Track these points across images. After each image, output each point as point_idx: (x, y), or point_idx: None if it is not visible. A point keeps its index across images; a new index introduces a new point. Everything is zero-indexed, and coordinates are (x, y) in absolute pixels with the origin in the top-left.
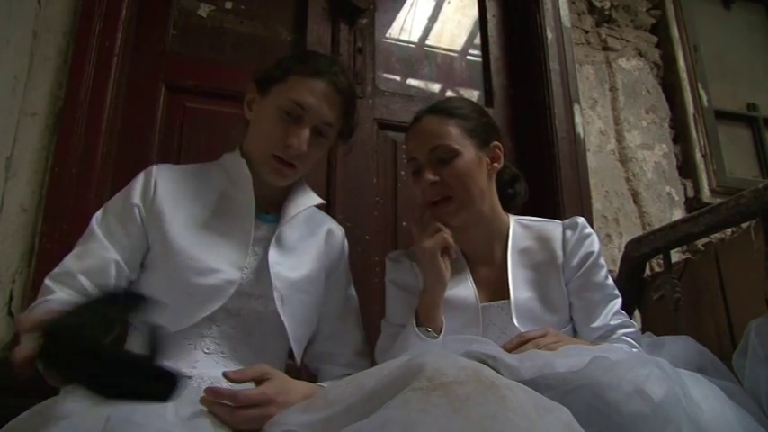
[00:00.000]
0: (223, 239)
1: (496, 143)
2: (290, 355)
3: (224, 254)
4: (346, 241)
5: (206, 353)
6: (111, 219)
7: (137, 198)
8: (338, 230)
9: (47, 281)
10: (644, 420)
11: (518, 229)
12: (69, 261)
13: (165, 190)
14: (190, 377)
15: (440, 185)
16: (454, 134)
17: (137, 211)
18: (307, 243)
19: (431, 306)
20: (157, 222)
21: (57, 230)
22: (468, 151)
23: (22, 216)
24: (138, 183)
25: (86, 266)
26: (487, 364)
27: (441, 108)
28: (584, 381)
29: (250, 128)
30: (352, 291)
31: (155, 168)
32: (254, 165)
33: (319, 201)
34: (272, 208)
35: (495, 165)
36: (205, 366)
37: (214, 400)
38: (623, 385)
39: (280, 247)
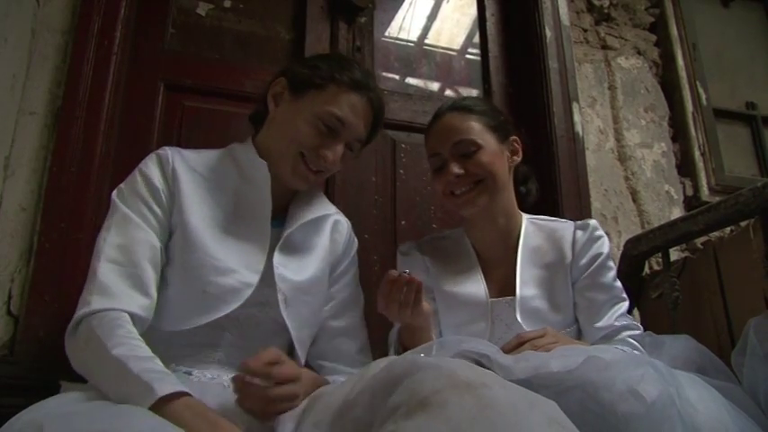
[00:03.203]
0: (241, 241)
1: (515, 137)
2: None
3: (241, 256)
4: (353, 234)
5: (206, 362)
6: (139, 202)
7: (158, 181)
8: (344, 222)
9: (105, 274)
10: (638, 420)
11: (530, 227)
12: (114, 251)
13: (184, 179)
14: (189, 373)
15: (465, 177)
16: (476, 129)
17: (162, 195)
18: (312, 242)
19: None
20: (179, 211)
21: (55, 229)
22: (489, 145)
23: (21, 215)
24: (156, 166)
25: (141, 259)
26: (482, 364)
27: (461, 105)
28: (578, 381)
29: (273, 124)
30: (359, 288)
31: (169, 152)
32: (274, 162)
33: (335, 211)
34: (278, 210)
35: (515, 158)
36: (206, 368)
37: (245, 381)
38: (617, 385)
39: (285, 251)
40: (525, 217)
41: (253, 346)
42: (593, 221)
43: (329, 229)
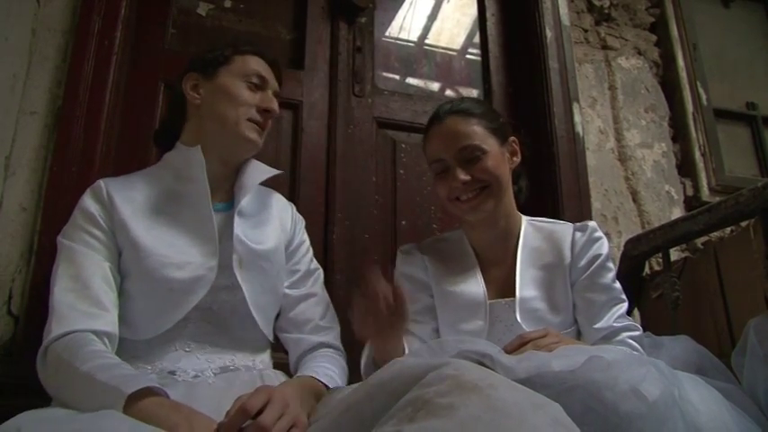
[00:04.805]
0: (188, 234)
1: (513, 138)
2: (279, 348)
3: (193, 246)
4: (297, 213)
5: (187, 351)
6: (81, 233)
7: (94, 209)
8: (286, 201)
9: (61, 302)
10: (640, 420)
11: (529, 229)
12: (66, 281)
13: (120, 198)
14: (173, 372)
15: (471, 183)
16: (480, 133)
17: (100, 220)
18: (264, 216)
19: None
20: (122, 229)
21: (56, 229)
22: (493, 149)
23: (22, 215)
24: (90, 197)
25: (92, 280)
26: (483, 364)
27: (462, 109)
28: (580, 380)
29: (204, 108)
30: (317, 263)
31: (102, 182)
32: (214, 141)
33: (276, 171)
34: (220, 195)
35: (515, 159)
36: (187, 364)
37: None
38: (620, 385)
39: (243, 219)
40: (524, 218)
41: (233, 332)
42: (592, 223)
43: (275, 206)
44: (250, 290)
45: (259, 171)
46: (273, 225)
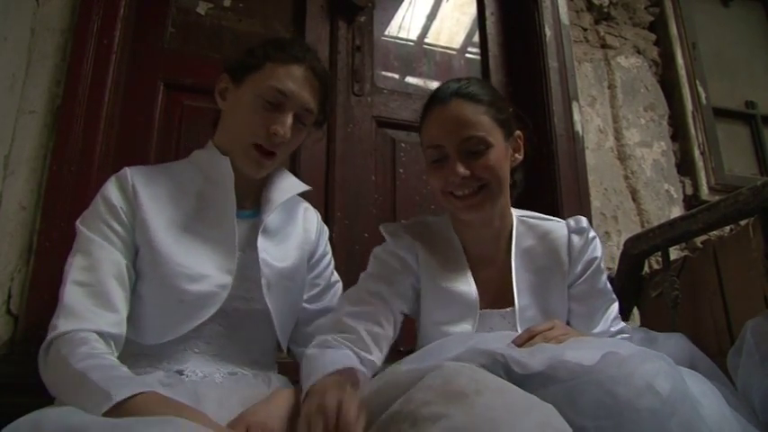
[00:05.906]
0: (209, 244)
1: (519, 133)
2: (280, 347)
3: (212, 259)
4: (323, 223)
5: (196, 353)
6: (101, 224)
7: (118, 200)
8: (313, 212)
9: (71, 296)
10: (654, 415)
11: (521, 227)
12: (80, 274)
13: (144, 194)
14: (181, 371)
15: (470, 179)
16: (486, 124)
17: (122, 213)
18: (288, 229)
19: None
20: (142, 227)
21: (55, 228)
22: (498, 143)
23: (21, 214)
24: (115, 186)
25: (106, 277)
26: (495, 361)
27: (470, 93)
28: (594, 376)
29: (224, 119)
30: (337, 276)
31: (128, 171)
32: (231, 157)
33: (305, 187)
34: (248, 201)
35: (517, 156)
36: (196, 365)
37: None
38: (635, 380)
39: (267, 236)
40: (515, 214)
41: (243, 337)
42: (585, 222)
43: (301, 217)
44: (277, 311)
45: (288, 184)
46: (297, 239)
